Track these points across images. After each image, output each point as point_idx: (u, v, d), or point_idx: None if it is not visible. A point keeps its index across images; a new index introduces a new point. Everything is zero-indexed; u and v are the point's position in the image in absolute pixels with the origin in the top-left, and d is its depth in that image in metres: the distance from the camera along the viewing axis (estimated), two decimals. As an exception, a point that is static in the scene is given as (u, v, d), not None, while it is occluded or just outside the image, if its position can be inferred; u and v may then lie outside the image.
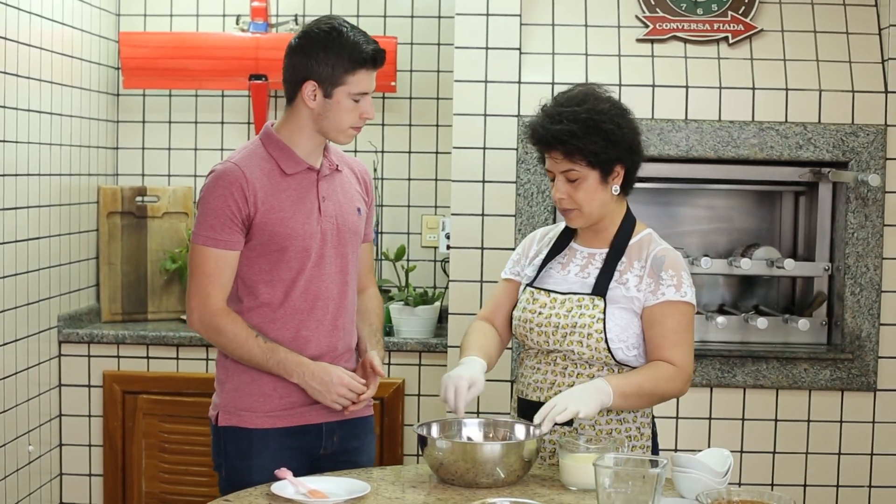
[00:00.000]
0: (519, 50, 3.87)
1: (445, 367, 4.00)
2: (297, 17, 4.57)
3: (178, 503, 4.23)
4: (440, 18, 4.55)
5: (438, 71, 4.57)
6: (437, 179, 4.59)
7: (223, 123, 4.65)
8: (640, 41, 3.94)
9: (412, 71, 4.57)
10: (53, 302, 4.15)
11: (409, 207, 4.61)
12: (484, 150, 3.86)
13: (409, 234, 4.61)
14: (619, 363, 2.68)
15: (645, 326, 2.68)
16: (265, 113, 4.49)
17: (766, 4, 3.96)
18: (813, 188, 3.99)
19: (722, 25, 3.92)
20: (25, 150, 3.87)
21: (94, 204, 4.45)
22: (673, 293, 2.65)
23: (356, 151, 4.48)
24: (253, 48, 4.45)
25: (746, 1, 3.93)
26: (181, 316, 4.50)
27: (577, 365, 2.69)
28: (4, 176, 3.73)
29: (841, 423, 3.88)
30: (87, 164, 4.38)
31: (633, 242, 2.73)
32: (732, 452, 2.49)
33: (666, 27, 3.93)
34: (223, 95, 4.64)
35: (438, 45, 4.56)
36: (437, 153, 4.59)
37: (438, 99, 4.57)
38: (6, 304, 3.78)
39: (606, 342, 2.65)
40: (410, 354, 4.18)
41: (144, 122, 4.67)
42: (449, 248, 4.00)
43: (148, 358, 4.25)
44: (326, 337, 2.82)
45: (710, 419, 3.89)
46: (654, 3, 3.94)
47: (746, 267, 3.86)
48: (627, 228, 2.74)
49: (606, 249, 2.74)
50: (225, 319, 2.74)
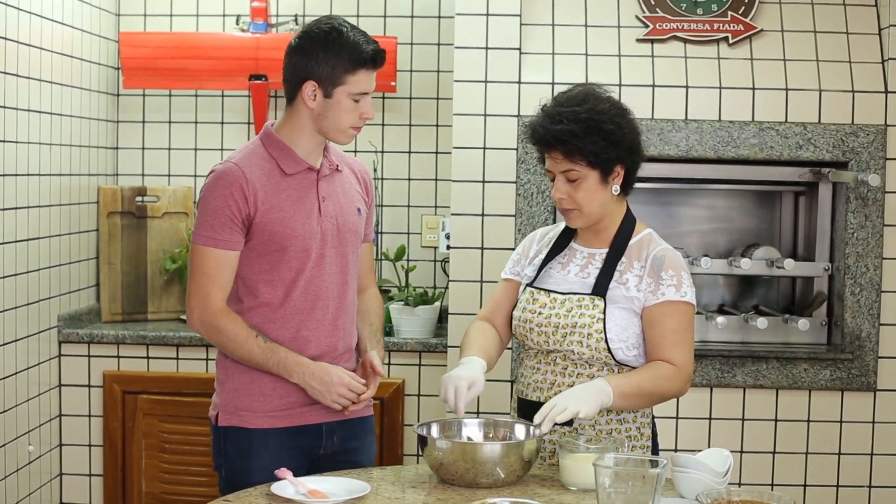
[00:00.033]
0: (519, 50, 3.87)
1: (445, 367, 4.00)
2: (296, 17, 4.57)
3: (177, 503, 4.23)
4: (440, 18, 4.55)
5: (438, 71, 4.57)
6: (437, 179, 4.59)
7: (223, 123, 4.65)
8: (640, 41, 3.94)
9: (412, 71, 4.57)
10: (53, 302, 4.15)
11: (408, 207, 4.61)
12: (484, 150, 3.86)
13: (408, 234, 4.61)
14: (619, 363, 2.68)
15: (645, 326, 2.68)
16: (265, 113, 4.49)
17: (766, 4, 3.96)
18: (813, 188, 3.99)
19: (722, 25, 3.92)
20: (25, 150, 3.87)
21: (94, 204, 4.45)
22: (673, 293, 2.65)
23: (356, 151, 4.48)
24: (253, 48, 4.45)
25: (746, 1, 3.93)
26: (181, 316, 4.50)
27: (577, 365, 2.69)
28: (4, 176, 3.73)
29: (841, 423, 3.88)
30: (87, 164, 4.38)
31: (633, 242, 2.73)
32: (732, 452, 2.48)
33: (666, 27, 3.93)
34: (223, 95, 4.64)
35: (438, 45, 4.56)
36: (436, 153, 4.59)
37: (438, 99, 4.57)
38: (6, 304, 3.78)
39: (606, 342, 2.65)
40: (410, 354, 4.18)
41: (144, 122, 4.67)
42: (449, 248, 4.00)
43: (148, 358, 4.25)
44: (326, 337, 2.82)
45: (710, 419, 3.89)
46: (654, 3, 3.94)
47: (746, 267, 3.86)
48: (627, 228, 2.74)
49: (606, 249, 2.73)
50: (225, 319, 2.74)
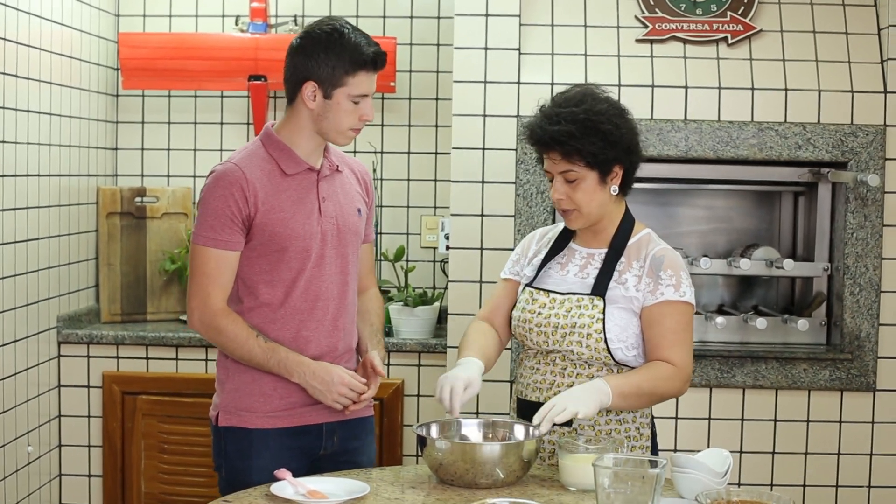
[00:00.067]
0: (518, 50, 3.87)
1: (445, 367, 4.00)
2: (296, 17, 4.57)
3: (177, 503, 4.24)
4: (439, 19, 4.55)
5: (438, 71, 4.57)
6: (436, 180, 4.59)
7: (222, 124, 4.65)
8: (639, 41, 3.94)
9: (411, 71, 4.57)
10: (53, 302, 4.15)
11: (408, 208, 4.61)
12: (483, 150, 3.86)
13: (408, 234, 4.60)
14: (618, 363, 2.67)
15: (644, 326, 2.68)
16: (264, 113, 4.49)
17: (765, 5, 3.96)
18: (812, 188, 3.99)
19: (721, 26, 3.92)
20: (25, 150, 3.87)
21: (93, 204, 4.45)
22: (672, 293, 2.65)
23: (355, 152, 4.48)
24: (252, 49, 4.45)
25: (746, 1, 3.93)
26: (180, 316, 4.50)
27: (576, 365, 2.69)
28: (4, 177, 3.73)
29: (840, 423, 3.88)
30: (86, 164, 4.38)
31: (631, 242, 2.73)
32: (732, 453, 2.49)
33: (665, 27, 3.93)
34: (222, 96, 4.64)
35: (438, 45, 4.56)
36: (436, 153, 4.59)
37: (438, 99, 4.57)
38: (6, 304, 3.78)
39: (606, 342, 2.65)
40: (410, 355, 4.18)
41: (144, 122, 4.67)
42: (448, 248, 4.00)
43: (147, 359, 4.25)
44: (327, 337, 2.82)
45: (709, 419, 3.89)
46: (653, 3, 3.94)
47: (746, 267, 3.86)
48: (626, 228, 2.74)
49: (605, 249, 2.73)
50: (225, 320, 2.74)
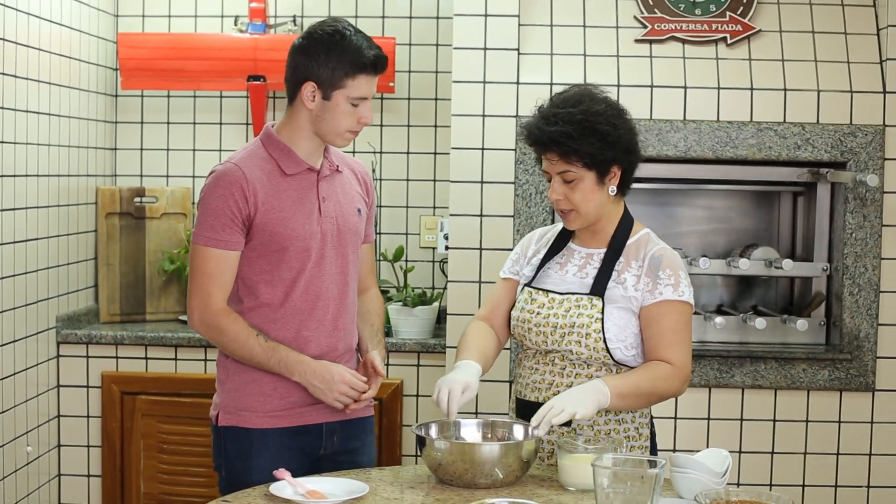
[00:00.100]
0: (517, 50, 3.87)
1: (444, 367, 4.00)
2: (295, 17, 4.57)
3: (176, 504, 4.24)
4: (438, 19, 4.55)
5: (437, 72, 4.57)
6: (435, 180, 4.59)
7: (221, 124, 4.64)
8: (638, 42, 3.94)
9: (410, 71, 4.57)
10: (52, 303, 4.15)
11: (407, 208, 4.61)
12: (482, 150, 3.86)
13: (407, 234, 4.60)
14: (617, 363, 2.67)
15: (643, 326, 2.68)
16: (263, 114, 4.49)
17: (764, 5, 3.96)
18: (811, 188, 3.99)
19: (720, 26, 3.92)
20: (24, 150, 3.87)
21: (92, 205, 4.45)
22: (671, 292, 2.65)
23: (354, 152, 4.48)
24: (251, 49, 4.44)
25: (745, 1, 3.93)
26: (180, 317, 4.50)
27: (575, 365, 2.69)
28: (3, 177, 3.73)
29: (839, 423, 3.88)
30: (85, 164, 4.38)
31: (630, 242, 2.73)
32: (731, 453, 2.48)
33: (664, 28, 3.93)
34: (221, 96, 4.64)
35: (437, 45, 4.56)
36: (435, 154, 4.59)
37: (437, 100, 4.57)
38: (5, 304, 3.78)
39: (605, 342, 2.65)
40: (409, 355, 4.18)
41: (143, 122, 4.67)
42: (447, 248, 4.00)
43: (146, 359, 4.25)
44: (327, 337, 2.82)
45: (708, 419, 3.89)
46: (652, 3, 3.94)
47: (745, 267, 3.87)
48: (625, 228, 2.74)
49: (604, 249, 2.74)
50: (226, 319, 2.74)
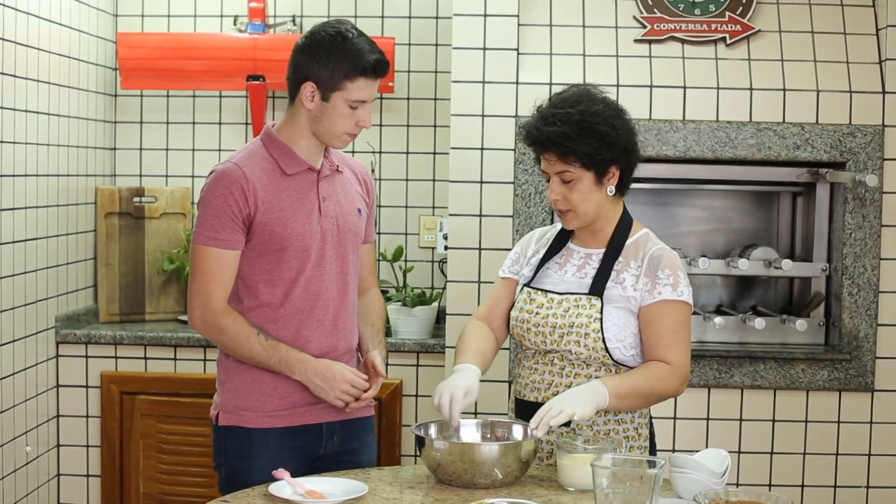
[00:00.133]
0: (517, 50, 3.87)
1: (443, 367, 4.00)
2: (294, 17, 4.57)
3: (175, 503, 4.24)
4: (438, 19, 4.55)
5: (436, 72, 4.57)
6: (434, 180, 4.59)
7: (221, 124, 4.64)
8: (637, 42, 3.94)
9: (410, 71, 4.57)
10: (51, 302, 4.15)
11: (406, 208, 4.61)
12: (482, 150, 3.86)
13: (406, 234, 4.60)
14: (616, 363, 2.67)
15: (641, 326, 2.68)
16: (263, 114, 4.48)
17: (763, 5, 3.96)
18: (810, 189, 3.99)
19: (720, 26, 3.92)
20: (23, 150, 3.87)
21: (91, 205, 4.45)
22: (669, 292, 2.65)
23: (354, 152, 4.47)
24: (251, 49, 4.44)
25: (744, 1, 3.93)
26: (179, 317, 4.50)
27: (574, 365, 2.69)
28: (2, 177, 3.72)
29: (838, 423, 3.88)
30: (84, 164, 4.38)
31: (629, 242, 2.73)
32: (730, 453, 2.48)
33: (663, 28, 3.93)
34: (221, 96, 4.64)
35: (436, 45, 4.56)
36: (434, 154, 4.59)
37: (436, 99, 4.57)
38: (4, 304, 3.78)
39: (604, 342, 2.65)
40: (408, 355, 4.18)
41: (142, 122, 4.66)
42: (447, 248, 4.00)
43: (146, 359, 4.25)
44: (327, 337, 2.82)
45: (707, 419, 3.89)
46: (651, 3, 3.94)
47: (744, 267, 3.86)
48: (624, 228, 2.74)
49: (603, 249, 2.73)
50: (226, 318, 2.74)
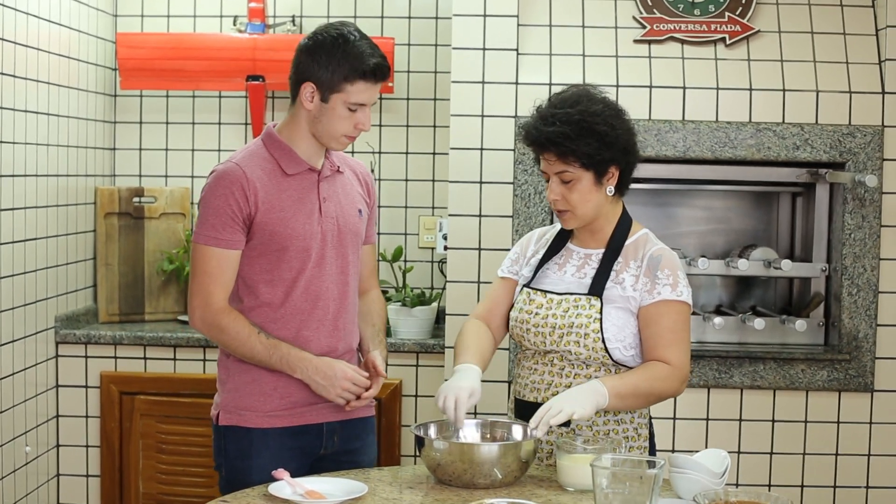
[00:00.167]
0: (516, 51, 3.87)
1: (443, 367, 4.00)
2: (294, 17, 4.57)
3: (175, 504, 4.24)
4: (437, 19, 4.55)
5: (436, 72, 4.57)
6: (434, 180, 4.59)
7: (220, 124, 4.64)
8: (637, 42, 3.94)
9: (409, 72, 4.57)
10: (51, 303, 4.15)
11: (406, 208, 4.61)
12: (481, 150, 3.86)
13: (406, 234, 4.60)
14: (616, 363, 2.67)
15: (641, 326, 2.68)
16: (262, 114, 4.48)
17: (763, 5, 3.96)
18: (810, 189, 3.99)
19: (719, 26, 3.92)
20: (23, 150, 3.87)
21: (91, 205, 4.45)
22: (669, 292, 2.65)
23: (353, 152, 4.47)
24: (250, 49, 4.44)
25: (744, 2, 3.93)
26: (179, 317, 4.50)
27: (574, 365, 2.69)
28: (2, 177, 3.72)
29: (838, 423, 3.88)
30: (84, 164, 4.38)
31: (629, 242, 2.73)
32: (730, 453, 2.48)
33: (663, 28, 3.93)
34: (220, 96, 4.64)
35: (436, 45, 4.56)
36: (434, 154, 4.59)
37: (436, 100, 4.57)
38: (3, 304, 3.78)
39: (603, 342, 2.65)
40: (408, 355, 4.18)
41: (141, 122, 4.66)
42: (446, 248, 4.00)
43: (145, 359, 4.25)
44: (327, 337, 2.82)
45: (707, 420, 3.89)
46: (651, 4, 3.94)
47: (744, 268, 3.86)
48: (624, 229, 2.74)
49: (603, 250, 2.73)
50: (227, 318, 2.74)
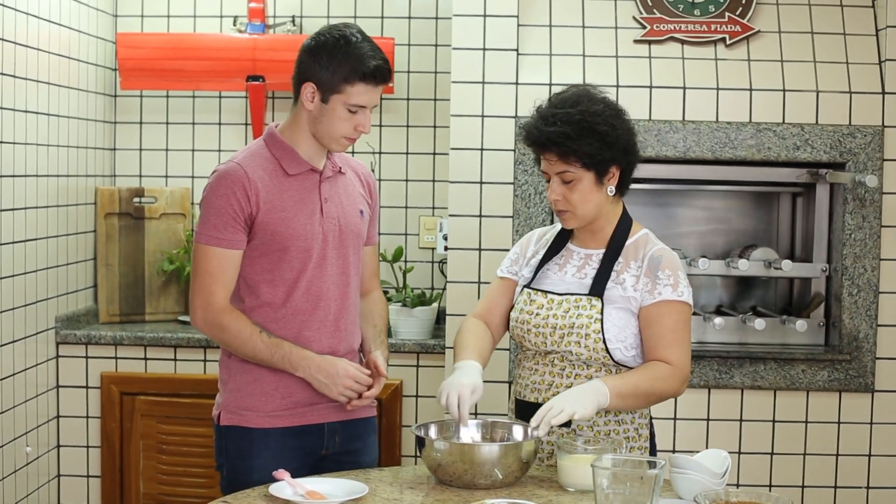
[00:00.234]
0: (516, 51, 3.87)
1: (443, 367, 4.00)
2: (294, 18, 4.57)
3: (175, 504, 4.24)
4: (437, 19, 4.55)
5: (436, 72, 4.57)
6: (434, 180, 4.59)
7: (220, 125, 4.64)
8: (637, 42, 3.94)
9: (409, 72, 4.57)
10: (51, 303, 4.15)
11: (406, 208, 4.61)
12: (481, 151, 3.86)
13: (406, 235, 4.60)
14: (617, 363, 2.67)
15: (642, 326, 2.68)
16: (262, 114, 4.48)
17: (763, 5, 3.97)
18: (810, 189, 3.99)
19: (719, 26, 3.92)
20: (23, 151, 3.87)
21: (91, 205, 4.45)
22: (670, 293, 2.65)
23: (354, 152, 4.47)
24: (250, 49, 4.44)
25: (744, 2, 3.93)
26: (179, 317, 4.50)
27: (574, 366, 2.69)
28: (2, 177, 3.72)
29: (839, 424, 3.88)
30: (84, 165, 4.38)
31: (629, 243, 2.73)
32: (730, 453, 2.49)
33: (663, 28, 3.93)
34: (220, 96, 4.64)
35: (436, 46, 4.56)
36: (434, 154, 4.59)
37: (436, 100, 4.57)
38: (4, 305, 3.78)
39: (604, 342, 2.65)
40: (408, 355, 4.18)
41: (142, 123, 4.66)
42: (447, 249, 4.00)
43: (146, 359, 4.25)
44: (328, 338, 2.82)
45: (707, 420, 3.89)
46: (651, 4, 3.94)
47: (744, 268, 3.86)
48: (624, 229, 2.74)
49: (603, 250, 2.74)
50: (229, 317, 2.74)
